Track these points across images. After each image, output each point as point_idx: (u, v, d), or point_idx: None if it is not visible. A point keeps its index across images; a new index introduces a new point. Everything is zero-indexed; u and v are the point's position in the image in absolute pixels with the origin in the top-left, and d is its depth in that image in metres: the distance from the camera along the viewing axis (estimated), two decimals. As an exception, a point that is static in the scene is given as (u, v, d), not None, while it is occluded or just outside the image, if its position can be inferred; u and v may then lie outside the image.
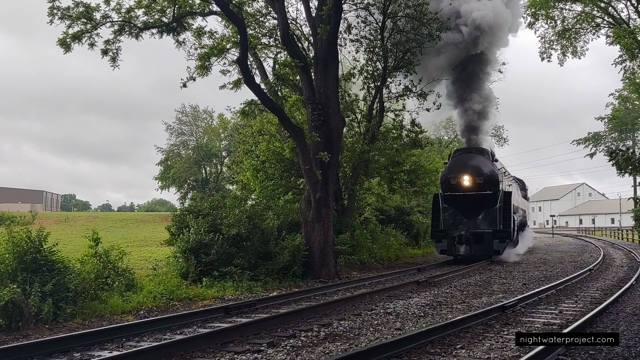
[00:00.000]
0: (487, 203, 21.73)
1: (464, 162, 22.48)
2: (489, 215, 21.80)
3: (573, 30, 29.09)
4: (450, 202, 22.44)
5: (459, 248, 21.67)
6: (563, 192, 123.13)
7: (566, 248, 31.24)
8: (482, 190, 21.56)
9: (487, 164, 22.24)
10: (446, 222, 22.34)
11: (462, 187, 21.81)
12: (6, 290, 8.60)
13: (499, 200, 21.73)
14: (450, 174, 22.32)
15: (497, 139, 44.31)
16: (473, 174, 21.84)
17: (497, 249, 21.08)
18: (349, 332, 8.12)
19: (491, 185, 21.70)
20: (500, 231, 21.26)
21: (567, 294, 12.00)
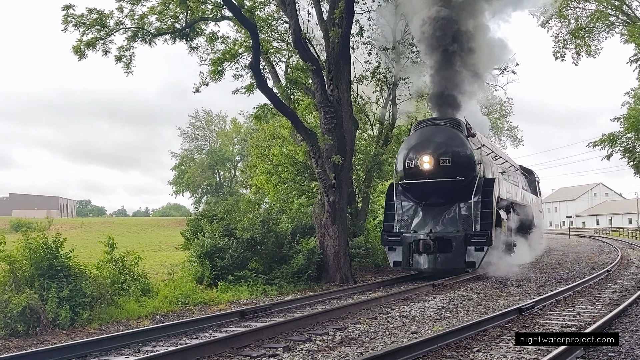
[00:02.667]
0: (459, 194, 15.63)
1: (425, 137, 16.12)
2: (462, 211, 15.77)
3: (587, 29, 28.85)
4: (409, 195, 16.44)
5: (417, 259, 15.26)
6: (579, 193, 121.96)
7: (583, 249, 30.92)
8: (449, 175, 15.37)
9: (459, 139, 15.96)
10: (402, 223, 16.26)
11: (422, 172, 15.56)
12: (24, 296, 8.67)
13: (475, 191, 15.38)
14: (407, 154, 16.05)
15: (512, 139, 43.94)
16: (436, 153, 15.52)
17: (472, 260, 14.83)
18: (365, 335, 8.08)
19: (463, 168, 15.47)
20: (476, 234, 14.94)
21: (584, 296, 11.87)
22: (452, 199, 15.82)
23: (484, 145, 17.94)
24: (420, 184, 15.73)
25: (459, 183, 15.37)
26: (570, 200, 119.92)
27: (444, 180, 15.40)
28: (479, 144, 17.07)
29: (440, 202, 15.95)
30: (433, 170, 15.46)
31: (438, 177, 15.45)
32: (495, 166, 18.49)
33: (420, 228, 15.77)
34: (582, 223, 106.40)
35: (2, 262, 9.55)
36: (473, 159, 15.78)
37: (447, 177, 15.37)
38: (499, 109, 41.95)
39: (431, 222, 15.89)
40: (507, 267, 16.91)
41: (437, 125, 16.48)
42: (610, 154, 31.61)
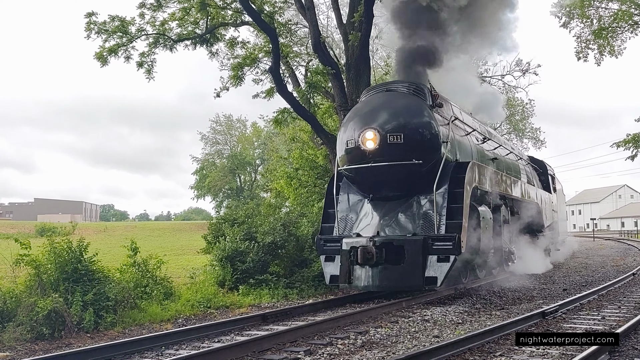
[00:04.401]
0: (418, 184, 11.68)
1: (372, 106, 12.28)
2: (422, 207, 11.73)
3: (610, 29, 28.47)
4: (355, 186, 12.54)
5: (358, 273, 11.41)
6: (603, 195, 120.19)
7: (608, 252, 30.46)
8: (401, 157, 11.43)
9: (417, 109, 12.02)
10: (346, 224, 12.32)
11: (365, 153, 11.62)
12: (49, 299, 8.80)
13: (439, 179, 11.35)
14: (346, 130, 12.26)
15: (535, 141, 43.50)
16: (384, 127, 11.55)
17: (433, 274, 10.89)
18: (386, 339, 8.06)
19: (422, 149, 11.56)
20: (440, 239, 11.04)
21: (609, 299, 11.70)
22: (409, 191, 11.83)
23: (457, 119, 13.61)
24: (363, 169, 11.74)
25: (416, 168, 11.42)
26: (594, 202, 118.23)
27: (395, 165, 11.40)
28: (449, 117, 12.93)
29: (392, 195, 11.96)
30: (379, 151, 11.41)
31: (386, 160, 11.46)
32: (476, 149, 14.30)
33: (367, 231, 11.83)
34: (606, 225, 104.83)
35: (28, 266, 9.71)
36: (437, 136, 11.74)
37: (398, 159, 11.39)
38: (520, 111, 41.59)
39: (379, 223, 11.84)
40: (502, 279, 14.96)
41: (391, 92, 12.55)
42: (635, 155, 31.12)
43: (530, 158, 23.59)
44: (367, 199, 12.37)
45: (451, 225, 11.16)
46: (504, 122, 41.58)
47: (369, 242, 11.27)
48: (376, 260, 11.06)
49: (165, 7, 17.37)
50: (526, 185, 18.54)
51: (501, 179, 14.97)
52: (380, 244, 11.19)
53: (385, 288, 11.74)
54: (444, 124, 12.40)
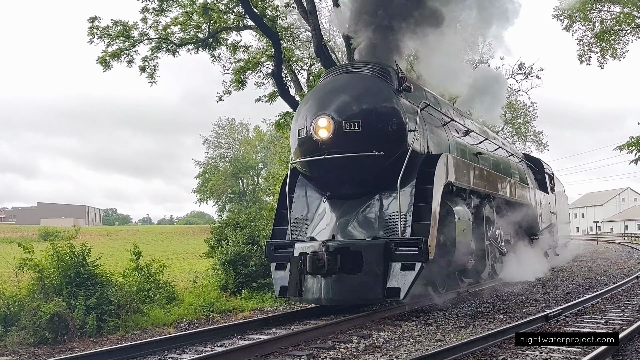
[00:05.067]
0: (381, 180, 10.15)
1: (328, 90, 10.77)
2: (384, 207, 10.20)
3: (612, 31, 28.45)
4: (311, 183, 11.05)
5: (308, 284, 9.80)
6: (607, 198, 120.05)
7: (611, 255, 30.39)
8: (359, 148, 9.95)
9: (380, 93, 10.50)
10: (300, 226, 10.89)
11: (318, 143, 10.16)
12: (52, 304, 8.82)
13: (403, 173, 9.75)
14: (300, 117, 10.78)
15: (537, 144, 43.44)
16: (339, 113, 10.08)
17: (395, 284, 9.32)
18: (389, 343, 8.05)
19: (385, 138, 10.11)
20: (404, 243, 9.44)
21: (613, 303, 11.67)
22: (370, 188, 10.31)
23: (430, 106, 11.80)
24: (316, 163, 10.24)
25: (377, 161, 9.90)
26: (597, 205, 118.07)
27: (351, 157, 9.89)
28: (419, 103, 11.06)
29: (352, 193, 10.44)
30: (333, 141, 9.92)
31: (342, 151, 9.95)
32: (455, 142, 12.67)
33: (322, 234, 10.35)
34: (610, 228, 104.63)
35: (31, 270, 9.73)
36: (402, 125, 10.19)
37: (356, 150, 9.89)
38: (523, 114, 41.56)
39: (335, 225, 10.30)
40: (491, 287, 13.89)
41: (352, 73, 11.01)
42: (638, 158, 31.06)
43: (526, 156, 22.39)
44: (324, 198, 10.84)
45: (418, 227, 9.54)
46: (506, 125, 41.59)
47: (320, 248, 9.56)
48: (328, 269, 9.38)
49: (168, 11, 17.45)
50: (518, 184, 16.82)
51: (485, 175, 13.19)
52: (334, 250, 9.48)
53: (339, 302, 10.00)
54: (413, 111, 10.69)
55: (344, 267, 9.49)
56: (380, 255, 9.38)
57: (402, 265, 9.37)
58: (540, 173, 21.59)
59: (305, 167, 10.76)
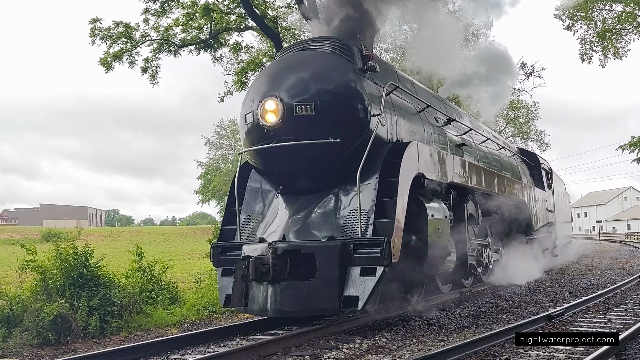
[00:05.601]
0: (339, 172, 8.93)
1: (281, 69, 9.46)
2: (343, 203, 8.89)
3: (614, 30, 28.42)
4: (265, 177, 9.77)
5: (254, 291, 8.51)
6: (609, 197, 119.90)
7: (614, 254, 30.35)
8: (312, 135, 8.66)
9: (338, 71, 9.19)
10: (251, 226, 9.61)
11: (264, 128, 8.87)
12: (55, 305, 8.83)
13: (363, 163, 8.45)
14: (247, 100, 9.54)
15: (539, 144, 43.42)
16: (289, 95, 8.79)
17: (353, 292, 8.05)
18: (392, 343, 8.05)
19: (342, 123, 8.81)
20: (364, 244, 8.17)
21: (616, 302, 11.66)
22: (328, 181, 9.00)
23: (402, 89, 10.54)
24: (263, 152, 9.00)
25: (334, 150, 8.59)
26: (600, 204, 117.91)
27: (303, 145, 8.59)
28: (385, 85, 9.63)
29: (308, 187, 9.14)
30: (282, 127, 8.64)
31: (292, 139, 8.63)
32: (432, 130, 11.38)
33: (274, 235, 9.03)
34: (612, 228, 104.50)
35: (34, 271, 9.76)
36: (364, 108, 8.92)
37: (308, 137, 8.59)
38: (525, 114, 41.55)
39: (287, 224, 8.98)
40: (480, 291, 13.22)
41: (308, 50, 9.71)
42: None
43: (521, 150, 21.26)
44: (277, 193, 9.54)
45: (381, 226, 8.27)
46: (508, 125, 41.57)
47: (267, 250, 8.25)
48: (275, 275, 8.09)
49: (169, 12, 17.48)
50: (508, 178, 15.51)
51: (467, 168, 11.84)
52: (283, 253, 8.17)
53: (288, 313, 8.43)
54: (378, 93, 9.40)
55: (295, 273, 8.19)
56: (336, 259, 8.04)
57: (362, 269, 8.05)
58: (536, 168, 20.49)
59: (254, 158, 9.41)
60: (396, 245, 8.09)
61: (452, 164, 10.95)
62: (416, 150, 9.30)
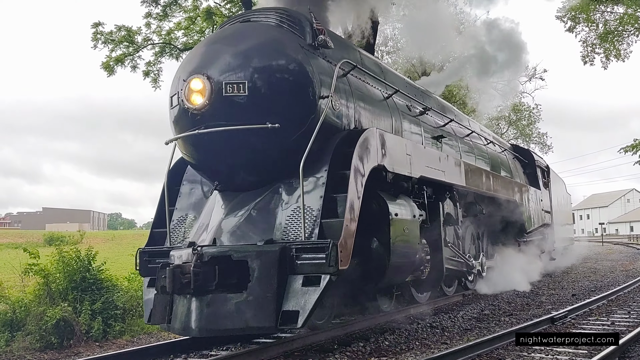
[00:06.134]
0: (279, 162, 7.57)
1: (213, 43, 8.12)
2: (284, 201, 7.51)
3: (615, 32, 28.42)
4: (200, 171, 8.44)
5: (177, 305, 7.03)
6: (612, 199, 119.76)
7: (617, 257, 30.30)
8: (246, 119, 7.33)
9: (280, 46, 7.78)
10: (181, 227, 8.28)
11: (190, 111, 7.52)
12: (58, 308, 8.85)
13: (307, 153, 7.04)
14: (174, 80, 8.15)
15: (541, 146, 43.39)
16: (218, 73, 7.43)
17: (293, 307, 6.67)
18: (395, 346, 8.04)
19: (283, 106, 7.46)
20: (307, 248, 6.85)
21: (619, 304, 11.64)
22: (270, 175, 7.69)
23: (364, 70, 9.32)
24: (190, 140, 7.75)
25: (275, 138, 7.35)
26: (602, 207, 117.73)
27: (235, 131, 7.32)
28: (339, 62, 8.37)
29: (245, 182, 7.82)
30: (211, 109, 7.39)
31: (222, 124, 7.35)
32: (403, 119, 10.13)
33: (206, 238, 7.60)
34: (615, 230, 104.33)
35: (36, 275, 9.77)
36: (311, 89, 7.65)
37: (242, 122, 7.33)
38: (527, 116, 41.54)
39: (219, 226, 7.61)
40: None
41: (249, 23, 8.39)
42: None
43: (514, 147, 20.04)
44: (212, 190, 8.24)
45: (329, 226, 7.02)
46: (510, 127, 41.56)
47: (190, 257, 6.91)
48: (197, 286, 6.73)
49: (171, 16, 17.52)
50: (495, 175, 14.21)
51: (444, 161, 10.59)
52: (211, 259, 6.87)
53: (213, 332, 6.94)
54: (330, 73, 8.05)
55: (225, 283, 6.88)
56: (274, 266, 6.76)
57: (305, 279, 6.77)
58: (531, 166, 19.08)
59: (184, 149, 8.11)
60: (345, 249, 6.82)
61: (424, 157, 9.72)
62: (375, 138, 8.02)
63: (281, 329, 7.08)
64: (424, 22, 14.28)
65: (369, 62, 10.16)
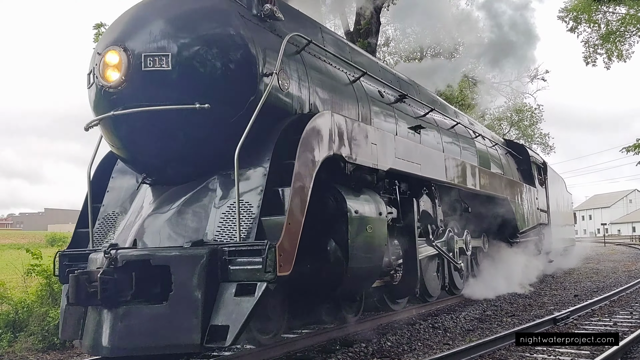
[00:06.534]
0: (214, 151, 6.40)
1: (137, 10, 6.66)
2: (218, 196, 6.35)
3: (617, 33, 28.42)
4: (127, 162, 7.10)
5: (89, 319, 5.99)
6: (614, 200, 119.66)
7: (619, 257, 30.27)
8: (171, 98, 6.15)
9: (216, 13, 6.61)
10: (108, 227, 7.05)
11: (104, 89, 6.30)
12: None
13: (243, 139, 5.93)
14: (94, 54, 6.70)
15: (543, 146, 43.37)
16: (138, 43, 6.21)
17: (222, 321, 5.56)
18: (397, 347, 8.04)
19: (216, 83, 6.28)
20: (241, 250, 5.73)
21: (621, 305, 11.63)
22: (201, 166, 6.59)
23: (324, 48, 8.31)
24: (107, 124, 6.61)
25: (205, 121, 6.26)
26: (604, 207, 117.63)
27: (157, 112, 6.22)
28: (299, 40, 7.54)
29: (176, 175, 6.73)
30: (128, 87, 6.26)
31: (145, 104, 6.24)
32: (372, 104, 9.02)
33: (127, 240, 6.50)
34: (617, 230, 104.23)
35: (39, 276, 9.79)
36: (251, 65, 6.54)
37: (165, 101, 6.22)
38: (529, 116, 41.54)
39: (142, 225, 6.51)
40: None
41: None
42: (646, 160, 30.88)
43: (508, 142, 19.10)
44: (141, 183, 7.08)
45: (269, 225, 5.92)
46: (512, 128, 41.57)
47: (106, 262, 5.77)
48: (105, 297, 5.63)
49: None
50: (482, 169, 12.99)
51: (418, 152, 9.43)
52: (125, 265, 5.78)
53: (126, 352, 5.80)
54: (276, 47, 6.90)
55: (144, 293, 5.83)
56: (200, 272, 5.68)
57: (239, 287, 5.69)
58: (525, 162, 18.10)
59: (105, 135, 6.95)
60: (287, 252, 5.71)
61: (394, 147, 8.54)
62: (329, 123, 6.87)
63: (208, 347, 5.80)
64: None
65: (332, 41, 8.97)
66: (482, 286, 12.68)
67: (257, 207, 6.03)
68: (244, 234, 5.85)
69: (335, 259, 7.04)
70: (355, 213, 7.12)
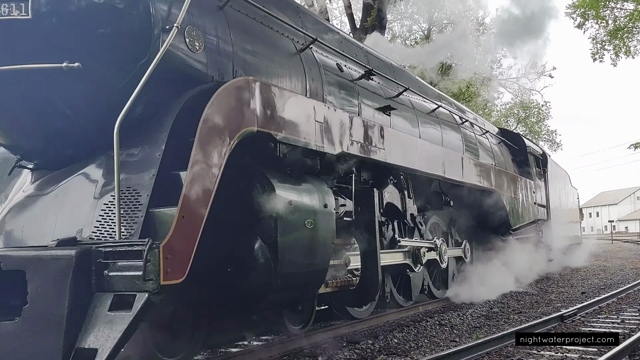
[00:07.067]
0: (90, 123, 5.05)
1: None
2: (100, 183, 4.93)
3: (625, 29, 28.27)
4: None
5: None
6: (622, 196, 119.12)
7: (627, 254, 30.15)
8: (33, 55, 4.75)
9: None
10: None
11: None
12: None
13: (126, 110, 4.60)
14: None
15: (551, 143, 43.26)
16: None
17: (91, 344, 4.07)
18: (404, 344, 8.06)
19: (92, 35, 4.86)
20: (122, 252, 4.28)
21: (629, 302, 11.60)
22: (83, 145, 5.19)
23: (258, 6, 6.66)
24: None
25: (81, 86, 4.96)
26: (612, 204, 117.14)
27: (15, 72, 4.84)
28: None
29: (58, 158, 5.37)
30: None
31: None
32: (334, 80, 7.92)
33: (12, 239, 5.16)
34: (625, 227, 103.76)
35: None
36: (143, 14, 5.07)
37: (28, 60, 4.82)
38: (536, 113, 41.45)
39: (5, 219, 5.31)
40: None
41: None
42: (654, 156, 30.70)
43: (502, 131, 17.85)
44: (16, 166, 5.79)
45: (160, 219, 4.62)
46: (519, 124, 41.47)
47: None
48: None
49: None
50: (466, 157, 11.69)
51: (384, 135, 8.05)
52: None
53: None
54: None
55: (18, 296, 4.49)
56: (65, 280, 4.29)
57: (116, 299, 4.35)
58: (521, 153, 16.59)
59: None
60: (178, 254, 4.44)
61: (349, 127, 7.20)
62: (248, 92, 5.47)
63: None
64: None
65: (276, 1, 7.40)
66: (467, 288, 11.70)
67: (147, 196, 4.69)
68: (126, 231, 4.55)
69: (263, 262, 5.70)
70: (289, 205, 5.80)
